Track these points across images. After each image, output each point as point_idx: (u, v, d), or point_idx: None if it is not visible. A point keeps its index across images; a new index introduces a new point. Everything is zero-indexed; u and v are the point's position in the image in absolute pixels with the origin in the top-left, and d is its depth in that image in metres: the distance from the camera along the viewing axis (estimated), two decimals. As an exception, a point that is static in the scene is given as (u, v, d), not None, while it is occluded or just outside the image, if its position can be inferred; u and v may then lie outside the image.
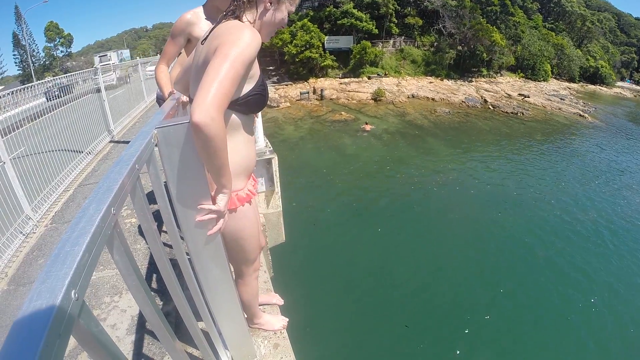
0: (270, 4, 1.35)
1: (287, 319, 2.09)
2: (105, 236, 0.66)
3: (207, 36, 1.28)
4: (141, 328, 2.16)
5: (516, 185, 14.11)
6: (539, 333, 6.97)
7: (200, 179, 1.17)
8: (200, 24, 2.26)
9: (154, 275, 2.52)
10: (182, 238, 1.31)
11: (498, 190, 13.50)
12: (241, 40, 1.15)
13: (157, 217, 1.04)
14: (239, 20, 1.29)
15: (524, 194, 13.28)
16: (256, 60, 1.27)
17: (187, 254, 1.35)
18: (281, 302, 2.28)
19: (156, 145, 1.11)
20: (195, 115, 1.02)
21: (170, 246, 1.74)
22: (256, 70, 1.30)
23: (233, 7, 1.31)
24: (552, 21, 47.85)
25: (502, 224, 10.97)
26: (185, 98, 2.05)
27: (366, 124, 21.93)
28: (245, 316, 1.79)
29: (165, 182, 1.18)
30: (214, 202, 1.24)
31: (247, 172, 1.46)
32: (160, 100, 3.84)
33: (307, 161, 16.54)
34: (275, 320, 2.03)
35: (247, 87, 1.29)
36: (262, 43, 1.29)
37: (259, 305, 2.02)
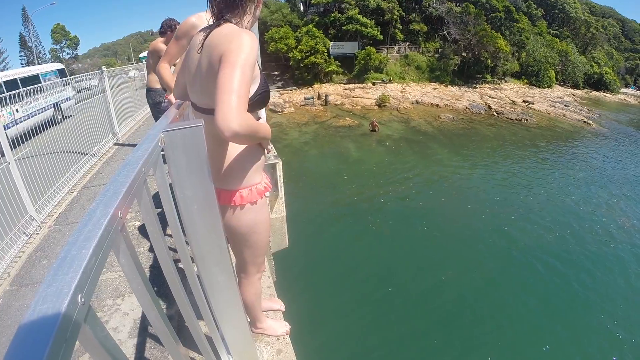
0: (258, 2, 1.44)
1: (289, 326, 2.08)
2: (112, 240, 0.66)
3: (203, 44, 1.30)
4: (143, 331, 2.15)
5: (520, 192, 14.06)
6: (543, 341, 6.92)
7: (206, 182, 1.17)
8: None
9: (157, 279, 2.51)
10: (186, 242, 1.30)
11: (502, 197, 13.44)
12: (243, 46, 1.20)
13: (162, 220, 1.03)
14: (231, 23, 1.33)
15: (527, 200, 13.23)
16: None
17: (192, 258, 1.35)
18: (284, 307, 2.27)
19: (162, 149, 1.11)
20: (226, 128, 1.10)
21: (174, 250, 1.73)
22: (257, 70, 1.34)
23: (227, 14, 1.34)
24: (556, 27, 47.67)
25: (505, 230, 10.92)
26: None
27: (374, 121, 22.34)
28: (248, 320, 1.78)
29: (170, 185, 1.18)
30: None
31: (260, 165, 1.51)
32: (157, 106, 3.82)
33: (311, 166, 16.55)
34: (278, 326, 2.02)
35: (254, 88, 1.34)
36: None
37: (262, 311, 2.00)
